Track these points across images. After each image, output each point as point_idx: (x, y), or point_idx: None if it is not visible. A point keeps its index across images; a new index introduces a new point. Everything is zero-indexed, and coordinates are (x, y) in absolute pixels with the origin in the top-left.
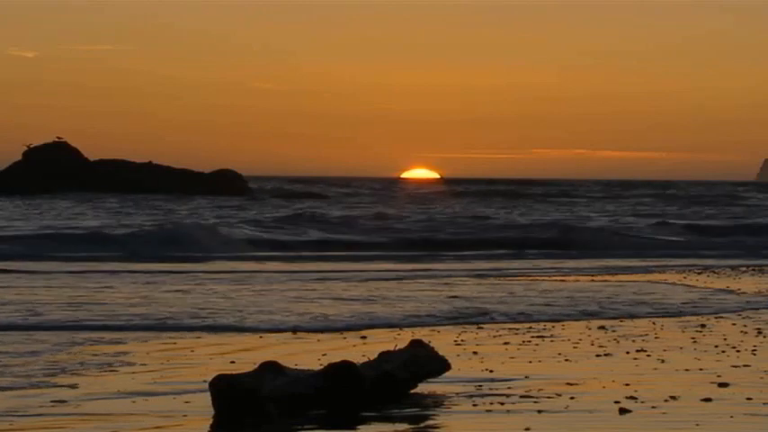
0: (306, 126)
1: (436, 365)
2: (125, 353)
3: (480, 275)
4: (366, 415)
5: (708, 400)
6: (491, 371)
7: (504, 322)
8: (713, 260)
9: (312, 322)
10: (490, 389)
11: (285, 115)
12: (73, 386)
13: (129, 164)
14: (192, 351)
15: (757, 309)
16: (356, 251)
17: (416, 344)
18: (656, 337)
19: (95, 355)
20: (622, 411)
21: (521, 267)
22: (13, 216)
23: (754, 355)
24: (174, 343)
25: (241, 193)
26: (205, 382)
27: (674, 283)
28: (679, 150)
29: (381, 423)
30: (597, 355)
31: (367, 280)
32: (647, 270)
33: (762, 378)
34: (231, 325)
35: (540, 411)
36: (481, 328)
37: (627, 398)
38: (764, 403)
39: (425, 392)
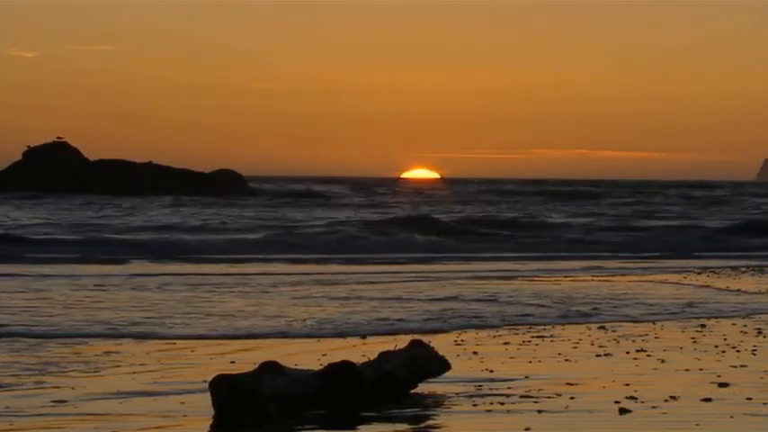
0: (306, 126)
1: (436, 365)
2: (124, 353)
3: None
4: (366, 415)
5: (708, 400)
6: (491, 371)
7: (504, 323)
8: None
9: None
10: (490, 389)
11: (285, 115)
12: (73, 386)
13: (129, 164)
14: (192, 351)
15: (757, 309)
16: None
17: (416, 344)
18: (656, 337)
19: (94, 355)
20: (622, 411)
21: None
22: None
23: (754, 355)
24: (174, 343)
25: (241, 193)
26: (205, 382)
27: (674, 283)
28: (679, 150)
29: (381, 423)
30: (597, 355)
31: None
32: (647, 270)
33: (762, 378)
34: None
35: (540, 411)
36: (481, 328)
37: (627, 398)
38: (764, 403)
39: (425, 392)
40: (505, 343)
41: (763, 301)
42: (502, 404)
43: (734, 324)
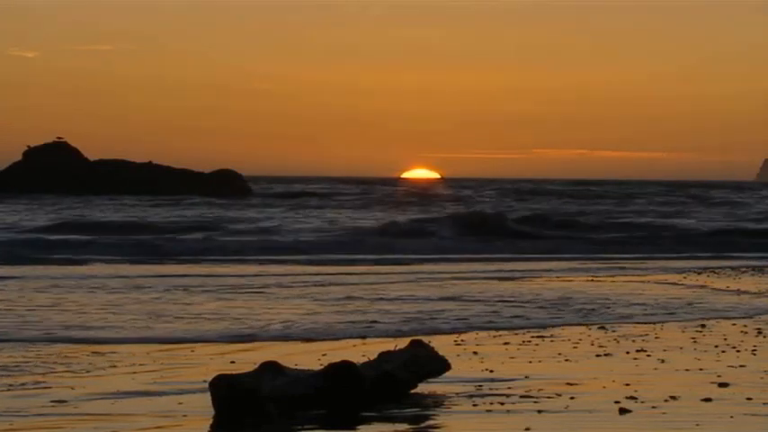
0: (306, 126)
1: (436, 365)
2: (124, 353)
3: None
4: (366, 415)
5: (708, 400)
6: (491, 371)
7: (503, 323)
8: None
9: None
10: (490, 389)
11: (285, 116)
12: (72, 386)
13: (129, 164)
14: (192, 351)
15: (757, 309)
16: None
17: (416, 344)
18: (656, 337)
19: (88, 355)
20: (622, 411)
21: (526, 269)
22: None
23: (754, 355)
24: (174, 343)
25: (241, 193)
26: (205, 382)
27: (674, 283)
28: (679, 150)
29: (381, 423)
30: (597, 355)
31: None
32: (647, 270)
33: (762, 378)
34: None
35: (540, 411)
36: (481, 328)
37: (627, 398)
38: (764, 403)
39: (425, 392)
40: (505, 343)
41: (763, 301)
42: (502, 404)
43: (734, 324)
